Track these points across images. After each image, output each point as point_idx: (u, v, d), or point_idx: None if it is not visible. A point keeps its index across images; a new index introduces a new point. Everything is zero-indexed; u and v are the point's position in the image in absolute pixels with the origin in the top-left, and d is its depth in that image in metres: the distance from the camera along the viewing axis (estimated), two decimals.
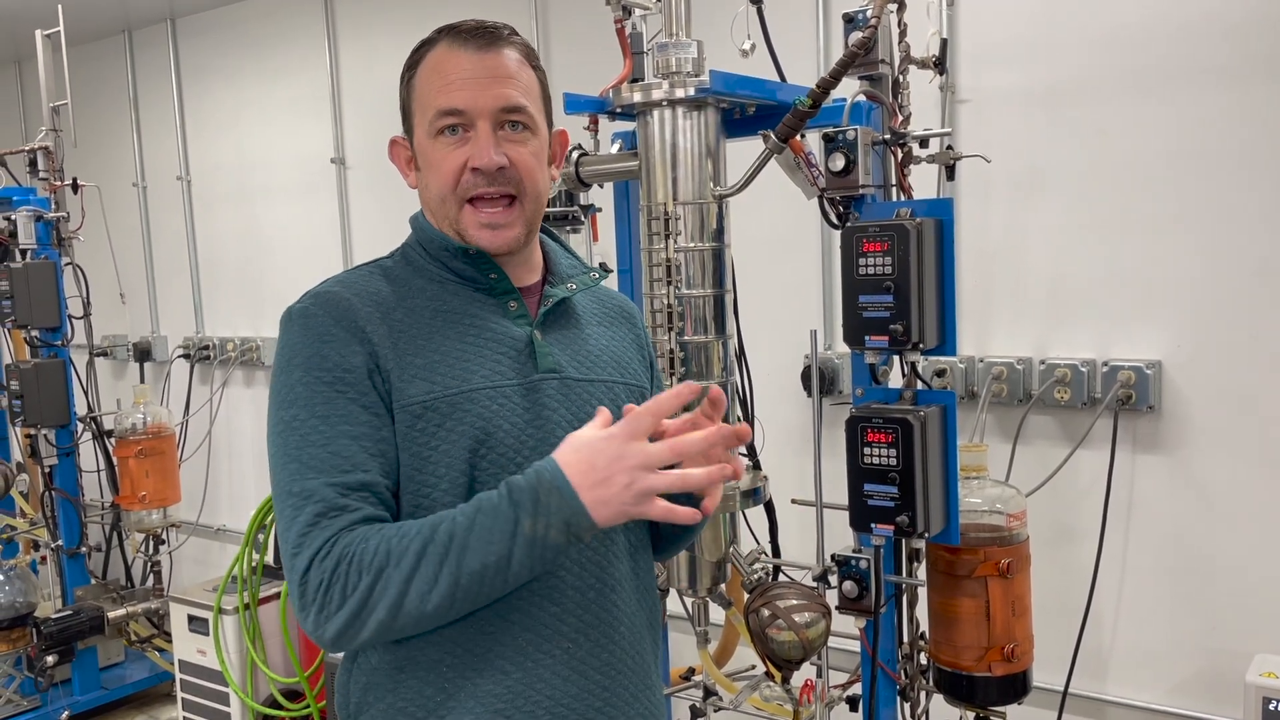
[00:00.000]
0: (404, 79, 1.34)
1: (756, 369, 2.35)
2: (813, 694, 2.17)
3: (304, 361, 1.24)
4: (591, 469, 1.09)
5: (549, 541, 1.12)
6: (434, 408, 1.24)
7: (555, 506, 1.11)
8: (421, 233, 1.37)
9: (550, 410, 1.31)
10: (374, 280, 1.33)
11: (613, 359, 1.42)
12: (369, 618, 1.14)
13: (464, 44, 1.29)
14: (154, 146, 4.91)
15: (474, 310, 1.33)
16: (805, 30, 2.92)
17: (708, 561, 2.07)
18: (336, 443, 1.21)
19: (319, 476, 1.20)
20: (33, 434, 3.83)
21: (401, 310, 1.30)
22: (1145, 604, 2.59)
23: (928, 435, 1.87)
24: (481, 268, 1.33)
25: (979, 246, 2.72)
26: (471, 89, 1.27)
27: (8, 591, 3.81)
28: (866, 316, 1.87)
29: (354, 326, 1.26)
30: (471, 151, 1.27)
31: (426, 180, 1.32)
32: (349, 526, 1.17)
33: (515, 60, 1.31)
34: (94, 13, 4.53)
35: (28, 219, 3.73)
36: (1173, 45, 2.44)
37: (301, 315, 1.27)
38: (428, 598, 1.13)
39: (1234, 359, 2.43)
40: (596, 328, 1.43)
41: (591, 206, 2.54)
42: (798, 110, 1.82)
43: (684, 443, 1.10)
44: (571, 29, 3.49)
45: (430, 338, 1.28)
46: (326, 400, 1.22)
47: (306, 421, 1.22)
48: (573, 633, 1.28)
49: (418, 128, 1.32)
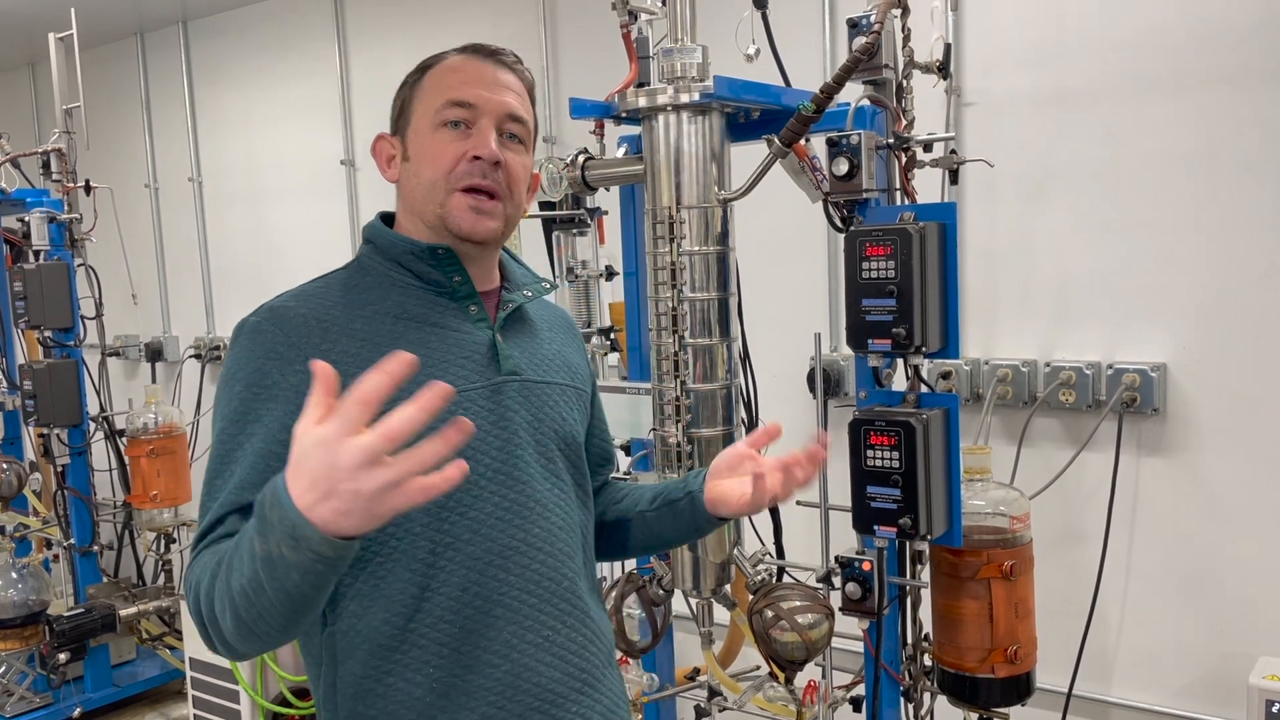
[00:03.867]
0: (409, 81, 1.39)
1: (761, 372, 2.36)
2: (816, 695, 2.18)
3: (245, 377, 1.26)
4: (314, 483, 0.97)
5: (286, 559, 1.00)
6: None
7: (277, 521, 0.99)
8: (381, 238, 1.38)
9: (512, 412, 1.35)
10: (332, 291, 1.34)
11: (564, 363, 1.47)
12: (214, 637, 1.13)
13: (481, 57, 1.37)
14: (166, 148, 4.94)
15: (436, 314, 1.34)
16: (810, 35, 2.93)
17: (712, 563, 2.08)
18: (248, 460, 1.21)
19: (221, 494, 1.21)
20: (45, 433, 3.86)
21: (362, 319, 1.30)
22: (1149, 606, 2.59)
23: (930, 438, 1.88)
24: (447, 269, 1.35)
25: (984, 249, 2.72)
26: (483, 89, 1.34)
27: (21, 589, 3.84)
28: (870, 320, 1.88)
29: (304, 344, 1.26)
30: (473, 144, 1.31)
31: (418, 168, 1.34)
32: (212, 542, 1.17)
33: (520, 85, 1.39)
34: (106, 16, 4.56)
35: (41, 220, 3.75)
36: (1180, 49, 2.44)
37: (252, 330, 1.28)
38: (225, 616, 1.09)
39: (1239, 362, 2.43)
40: (548, 334, 1.48)
41: (598, 210, 2.56)
42: (802, 115, 1.83)
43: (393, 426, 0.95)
44: (578, 34, 3.51)
45: (394, 343, 1.27)
46: (256, 418, 1.23)
47: (235, 438, 1.23)
48: (551, 620, 1.33)
49: (418, 119, 1.35)
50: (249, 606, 1.06)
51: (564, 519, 1.39)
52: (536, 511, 1.34)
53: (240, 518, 1.18)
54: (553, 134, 3.59)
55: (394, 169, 1.40)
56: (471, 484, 1.28)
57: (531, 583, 1.32)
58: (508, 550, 1.30)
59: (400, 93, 1.41)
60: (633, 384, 2.35)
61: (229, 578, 1.08)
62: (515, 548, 1.31)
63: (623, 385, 2.37)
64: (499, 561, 1.29)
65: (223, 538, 1.18)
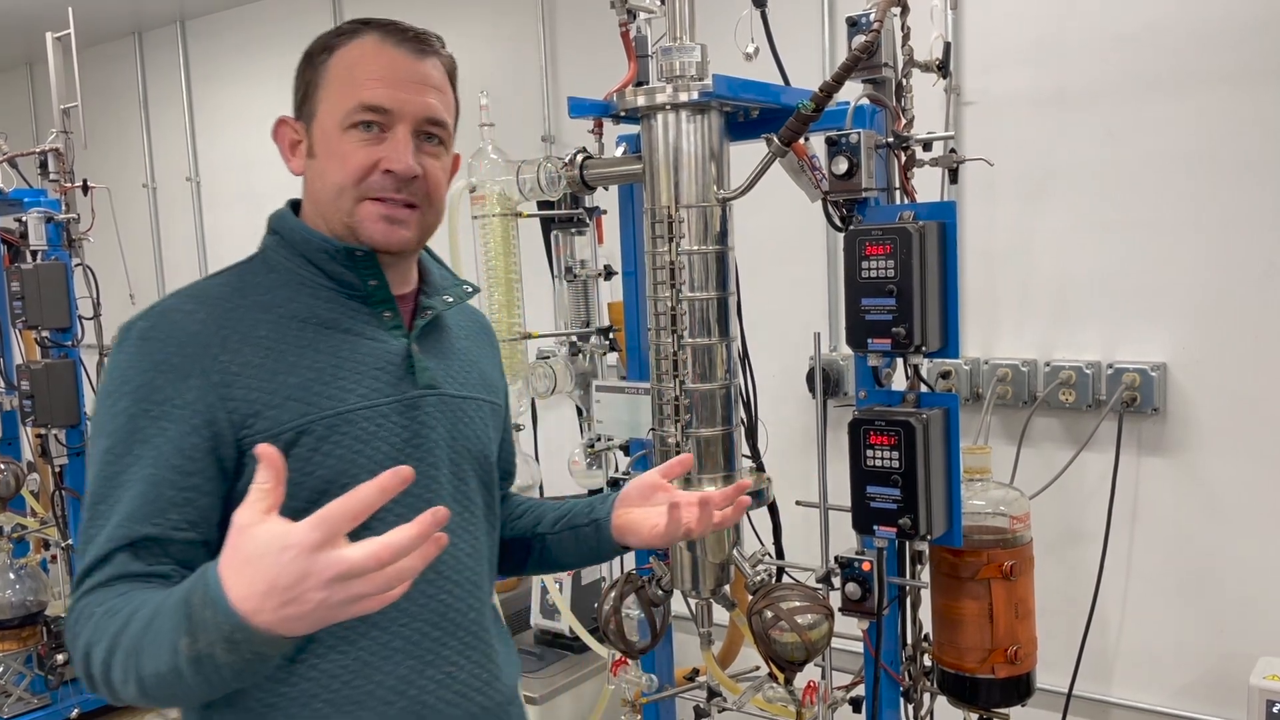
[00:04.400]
0: (313, 60, 1.26)
1: (760, 371, 2.36)
2: (816, 695, 2.17)
3: (133, 390, 1.13)
4: (272, 589, 0.87)
5: (218, 660, 0.92)
6: (309, 431, 1.16)
7: (211, 623, 0.90)
8: (292, 233, 1.27)
9: (429, 428, 1.25)
10: (232, 291, 1.22)
11: (480, 375, 1.39)
12: (99, 689, 1.05)
13: (397, 43, 1.23)
14: (164, 148, 4.93)
15: (347, 320, 1.24)
16: (809, 34, 2.93)
17: (711, 563, 2.08)
18: (135, 487, 1.10)
19: (107, 526, 1.10)
20: (43, 434, 3.85)
21: (267, 324, 1.19)
22: (1150, 606, 2.59)
23: (930, 438, 1.87)
24: (362, 272, 1.24)
25: (984, 248, 2.72)
26: (400, 90, 1.21)
27: (18, 590, 3.83)
28: (869, 319, 1.87)
29: (203, 355, 1.14)
30: (387, 153, 1.20)
31: (323, 169, 1.24)
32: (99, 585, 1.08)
33: (441, 74, 1.27)
34: (104, 15, 4.55)
35: (38, 220, 3.74)
36: (1180, 48, 2.44)
37: (140, 337, 1.16)
38: (127, 687, 1.01)
39: (1240, 362, 2.43)
40: (465, 342, 1.40)
41: (596, 209, 2.56)
42: (801, 114, 1.82)
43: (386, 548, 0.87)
44: (577, 33, 3.50)
45: (302, 353, 1.19)
46: (144, 439, 1.12)
47: (120, 459, 1.12)
48: (454, 655, 1.24)
49: (324, 114, 1.23)
50: (163, 690, 0.98)
51: (471, 546, 1.30)
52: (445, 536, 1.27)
53: (130, 556, 1.09)
54: (551, 133, 3.59)
55: (298, 159, 1.28)
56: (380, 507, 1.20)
57: (434, 614, 1.23)
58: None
59: (304, 71, 1.27)
60: (631, 384, 2.35)
61: (138, 660, 0.98)
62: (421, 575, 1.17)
63: (621, 385, 2.36)
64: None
65: (112, 580, 1.08)
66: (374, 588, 0.88)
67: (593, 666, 3.18)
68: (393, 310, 1.27)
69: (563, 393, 2.59)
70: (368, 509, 0.88)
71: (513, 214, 2.49)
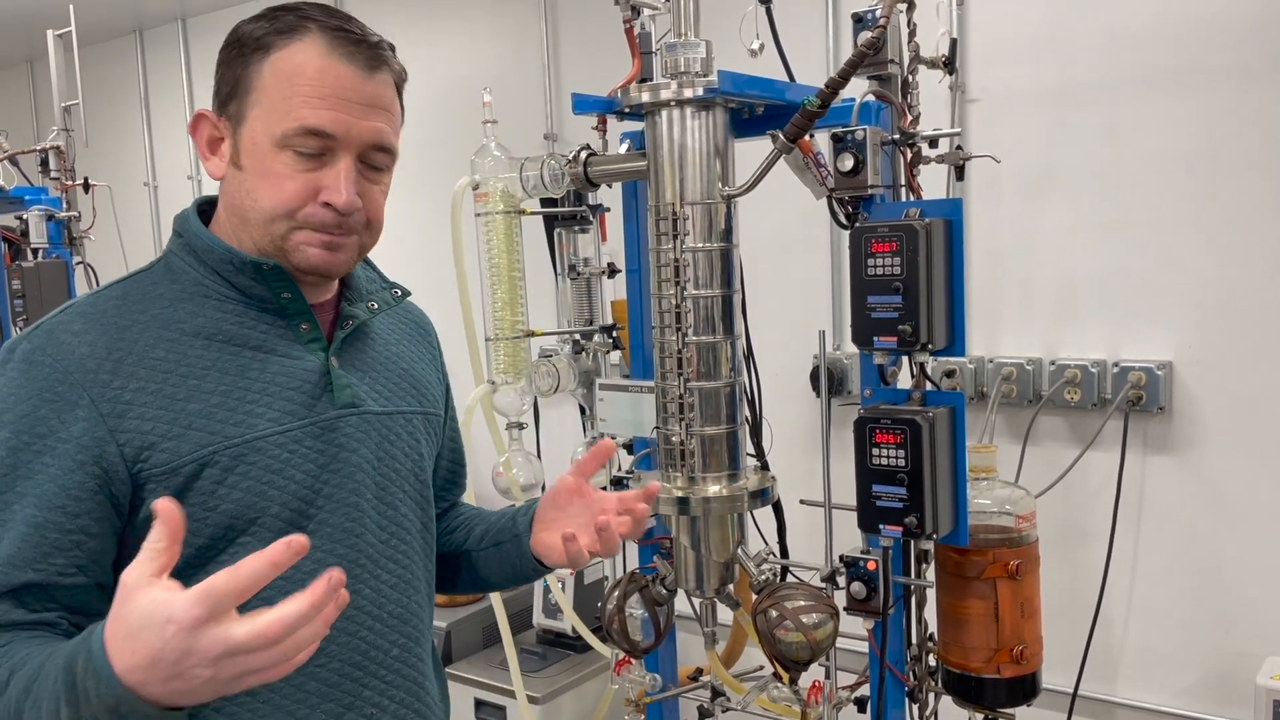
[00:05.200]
0: (243, 51, 1.12)
1: (765, 369, 2.35)
2: (820, 695, 2.16)
3: (14, 421, 1.04)
4: (155, 663, 0.82)
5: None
6: (213, 462, 1.07)
7: (94, 693, 0.85)
8: (195, 239, 1.15)
9: (350, 451, 1.16)
10: (130, 305, 1.11)
11: (413, 385, 1.29)
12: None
13: (347, 56, 1.10)
14: (165, 146, 4.92)
15: (257, 336, 1.13)
16: (814, 30, 2.92)
17: (715, 562, 2.07)
18: (17, 529, 1.01)
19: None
20: None
21: (164, 344, 1.09)
22: (1156, 606, 2.58)
23: (936, 436, 1.86)
24: (273, 285, 1.14)
25: (989, 247, 2.71)
26: (346, 113, 1.09)
27: None
28: (875, 317, 1.86)
29: (88, 381, 1.04)
30: (328, 184, 1.10)
31: (253, 189, 1.11)
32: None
33: (391, 92, 1.16)
34: (105, 13, 4.54)
35: (39, 218, 3.74)
36: (1186, 44, 2.43)
37: (24, 360, 1.06)
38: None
39: (1246, 360, 2.42)
40: (396, 348, 1.30)
41: (600, 206, 2.54)
42: (806, 110, 1.81)
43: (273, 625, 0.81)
44: (580, 30, 3.49)
45: (204, 375, 1.09)
46: (27, 475, 1.02)
47: (1, 496, 1.03)
48: (376, 696, 1.16)
49: (256, 124, 1.10)
50: None
51: (399, 577, 1.21)
52: (368, 570, 1.17)
53: (13, 604, 1.00)
54: (554, 130, 3.58)
55: (219, 163, 1.15)
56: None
57: (356, 653, 1.15)
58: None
59: (231, 62, 1.13)
60: (635, 382, 2.34)
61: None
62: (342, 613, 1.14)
63: (625, 383, 2.35)
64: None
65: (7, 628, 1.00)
66: (267, 662, 0.82)
67: (595, 666, 3.18)
68: (310, 322, 1.17)
69: (565, 391, 2.58)
70: (256, 584, 0.81)
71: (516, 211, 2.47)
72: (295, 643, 0.83)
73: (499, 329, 2.44)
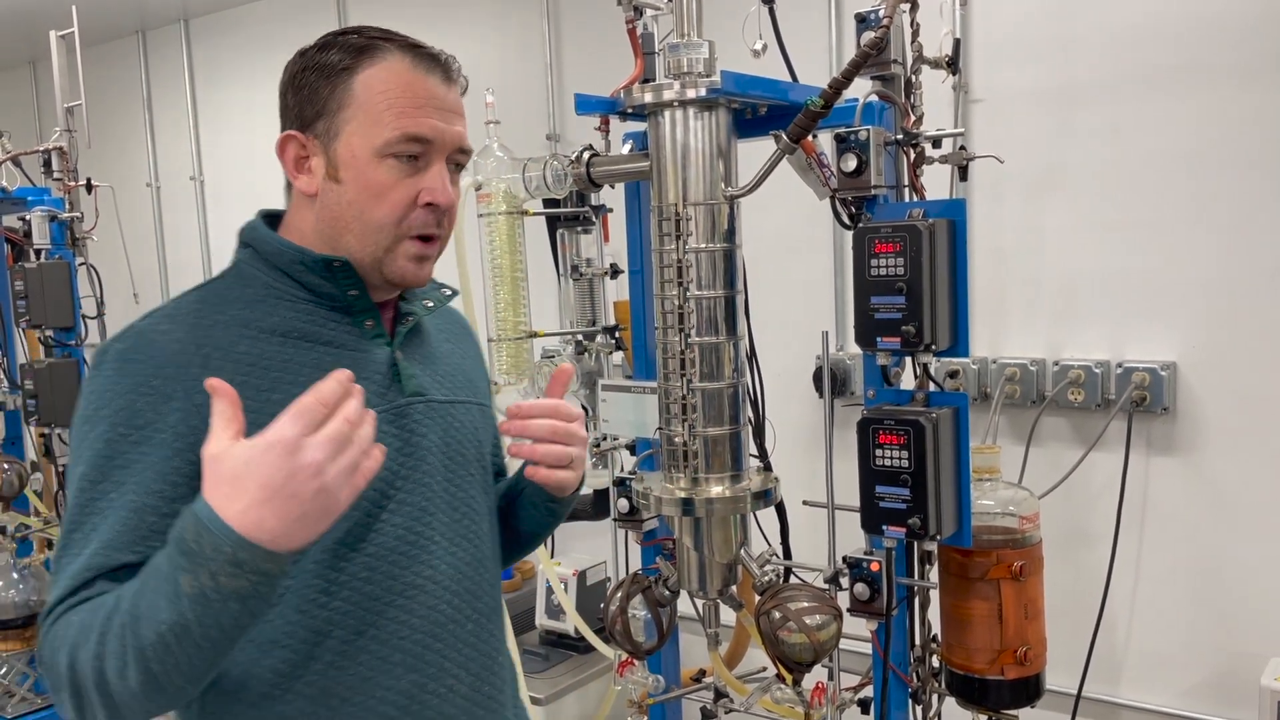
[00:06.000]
0: (328, 75, 1.22)
1: (768, 370, 2.34)
2: (824, 696, 2.16)
3: (111, 414, 1.10)
4: (265, 488, 0.89)
5: (224, 590, 0.92)
6: None
7: (210, 550, 0.91)
8: (265, 244, 1.23)
9: (420, 436, 1.24)
10: (210, 308, 1.18)
11: (464, 378, 1.37)
12: (88, 709, 1.00)
13: (429, 69, 1.22)
14: (168, 147, 4.92)
15: (328, 332, 1.21)
16: (818, 30, 2.91)
17: (718, 563, 2.06)
18: (117, 514, 1.07)
19: (83, 554, 1.07)
20: (47, 433, 3.84)
21: (247, 340, 1.16)
22: (1159, 607, 2.57)
23: (940, 437, 1.86)
24: (342, 283, 1.21)
25: (992, 247, 2.70)
26: (439, 120, 1.20)
27: (22, 590, 3.83)
28: (878, 318, 1.86)
29: (181, 374, 1.11)
30: (428, 186, 1.19)
31: (355, 199, 1.19)
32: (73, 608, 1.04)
33: (461, 101, 1.27)
34: (108, 14, 4.55)
35: (42, 219, 3.73)
36: (1189, 43, 2.42)
37: (119, 358, 1.12)
38: (126, 676, 0.97)
39: (1250, 360, 2.41)
40: (446, 344, 1.38)
41: (603, 207, 2.54)
42: (810, 110, 1.81)
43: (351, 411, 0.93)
44: (582, 30, 3.49)
45: (285, 369, 1.16)
46: (125, 464, 1.09)
47: (98, 485, 1.09)
48: (455, 668, 1.22)
49: (354, 139, 1.18)
50: (165, 656, 0.95)
51: (471, 553, 1.28)
52: (442, 546, 1.24)
53: (112, 582, 1.04)
54: (556, 131, 3.57)
55: (310, 180, 1.22)
56: (370, 516, 1.17)
57: (435, 625, 1.21)
58: (410, 589, 1.19)
59: (315, 83, 1.22)
60: (638, 383, 2.33)
61: (134, 630, 0.96)
62: (420, 585, 1.20)
63: (628, 384, 2.35)
64: (400, 602, 1.18)
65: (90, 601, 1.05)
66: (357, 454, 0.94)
67: (598, 667, 3.17)
68: (375, 319, 1.25)
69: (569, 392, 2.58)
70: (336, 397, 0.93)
71: (518, 212, 2.48)
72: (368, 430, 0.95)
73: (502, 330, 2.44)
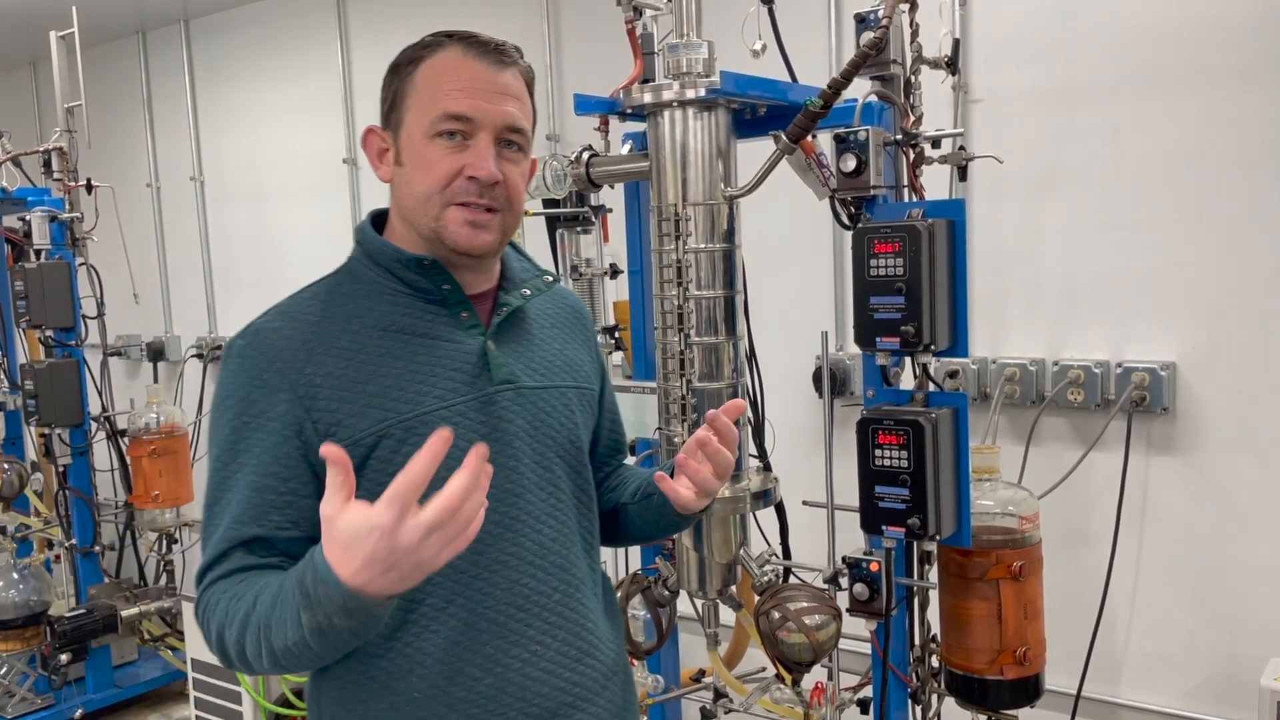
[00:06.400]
0: (399, 72, 1.33)
1: (767, 370, 2.34)
2: (823, 696, 2.16)
3: (234, 404, 1.26)
4: (372, 563, 1.02)
5: (338, 627, 1.07)
6: (388, 435, 1.25)
7: (325, 598, 1.06)
8: (369, 244, 1.35)
9: (507, 422, 1.32)
10: (319, 304, 1.31)
11: (566, 363, 1.42)
12: (234, 665, 1.20)
13: (479, 55, 1.30)
14: (168, 147, 4.93)
15: (424, 325, 1.31)
16: (817, 31, 2.91)
17: (718, 563, 2.07)
18: (241, 492, 1.24)
19: (220, 525, 1.24)
20: (47, 433, 3.84)
21: (349, 335, 1.28)
22: (1159, 607, 2.58)
23: (939, 437, 1.86)
24: (434, 278, 1.32)
25: (992, 247, 2.70)
26: (481, 99, 1.28)
27: (22, 590, 3.83)
28: (878, 318, 1.86)
29: (290, 370, 1.25)
30: (470, 160, 1.27)
31: (410, 177, 1.30)
32: (220, 578, 1.23)
33: (520, 83, 1.33)
34: (108, 14, 4.55)
35: (42, 219, 3.74)
36: (1188, 44, 2.42)
37: (239, 355, 1.28)
38: (260, 660, 1.16)
39: (1249, 361, 2.41)
40: (550, 330, 1.44)
41: (602, 207, 2.54)
42: (809, 111, 1.81)
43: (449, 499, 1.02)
44: (582, 30, 3.49)
45: (380, 360, 1.27)
46: (246, 448, 1.25)
47: (228, 466, 1.26)
48: (540, 635, 1.32)
49: (411, 124, 1.30)
50: (291, 659, 1.14)
51: (558, 530, 1.37)
52: (529, 525, 1.33)
53: (245, 552, 1.23)
54: (556, 131, 3.58)
55: (386, 167, 1.35)
56: None
57: (520, 596, 1.31)
58: (495, 565, 1.30)
59: (391, 81, 1.34)
60: (638, 383, 2.33)
61: (268, 636, 1.13)
62: (505, 561, 1.30)
63: (628, 384, 2.35)
64: (486, 575, 1.29)
65: (231, 573, 1.22)
66: (455, 531, 1.02)
67: None
68: (470, 310, 1.33)
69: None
70: (425, 478, 1.00)
71: None
72: (468, 511, 1.02)
73: None
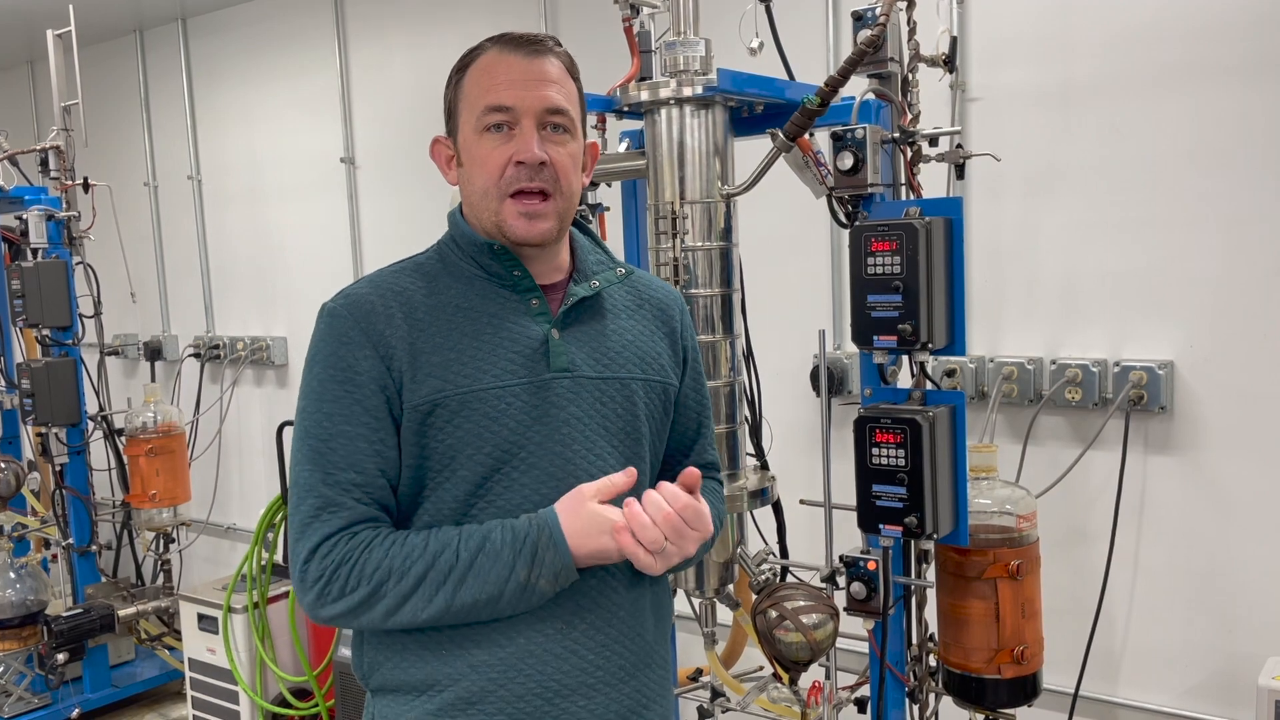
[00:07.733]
0: (451, 81, 1.42)
1: (765, 369, 2.34)
2: (820, 695, 2.16)
3: (324, 360, 1.35)
4: (595, 555, 1.27)
5: (538, 589, 1.28)
6: (444, 404, 1.32)
7: (550, 561, 1.25)
8: (456, 228, 1.43)
9: (559, 409, 1.37)
10: (405, 278, 1.40)
11: (637, 354, 1.45)
12: (363, 615, 1.30)
13: (513, 50, 1.37)
14: (165, 146, 4.92)
15: (494, 307, 1.38)
16: (814, 28, 2.91)
17: (715, 562, 2.06)
18: (336, 440, 1.32)
19: (318, 471, 1.32)
20: (44, 432, 3.84)
21: (426, 308, 1.37)
22: (1157, 606, 2.57)
23: (936, 436, 1.85)
24: (506, 264, 1.39)
25: (990, 245, 2.70)
26: (518, 89, 1.34)
27: (19, 589, 3.83)
28: (875, 316, 1.86)
29: (373, 330, 1.34)
30: (516, 147, 1.34)
31: (470, 175, 1.38)
32: (347, 526, 1.30)
33: (558, 68, 1.39)
34: (105, 12, 4.54)
35: (39, 218, 3.74)
36: (1187, 42, 2.42)
37: (330, 315, 1.37)
38: (420, 614, 1.28)
39: (1247, 359, 2.41)
40: (625, 321, 1.47)
41: (599, 205, 2.54)
42: (806, 108, 1.81)
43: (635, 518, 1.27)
44: (579, 28, 3.49)
45: (448, 335, 1.35)
46: (335, 399, 1.33)
47: (314, 416, 1.33)
48: (567, 614, 1.36)
49: (464, 125, 1.38)
50: (470, 611, 1.29)
51: None
52: None
53: (351, 499, 1.31)
54: None
55: (453, 172, 1.44)
56: (505, 476, 1.34)
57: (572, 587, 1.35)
58: None
59: (446, 93, 1.43)
60: None
61: (456, 588, 1.27)
62: None
63: None
64: None
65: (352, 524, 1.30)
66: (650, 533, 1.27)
67: None
68: (539, 298, 1.40)
69: None
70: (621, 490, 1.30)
71: None
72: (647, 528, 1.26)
73: None
